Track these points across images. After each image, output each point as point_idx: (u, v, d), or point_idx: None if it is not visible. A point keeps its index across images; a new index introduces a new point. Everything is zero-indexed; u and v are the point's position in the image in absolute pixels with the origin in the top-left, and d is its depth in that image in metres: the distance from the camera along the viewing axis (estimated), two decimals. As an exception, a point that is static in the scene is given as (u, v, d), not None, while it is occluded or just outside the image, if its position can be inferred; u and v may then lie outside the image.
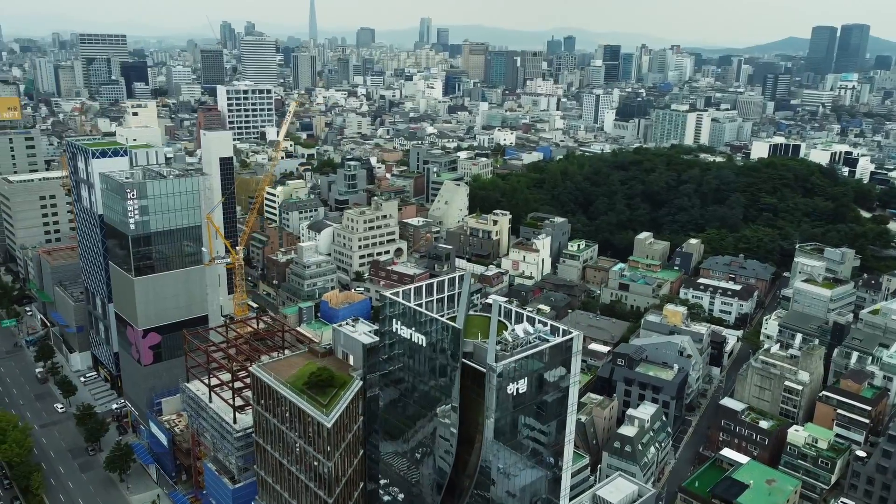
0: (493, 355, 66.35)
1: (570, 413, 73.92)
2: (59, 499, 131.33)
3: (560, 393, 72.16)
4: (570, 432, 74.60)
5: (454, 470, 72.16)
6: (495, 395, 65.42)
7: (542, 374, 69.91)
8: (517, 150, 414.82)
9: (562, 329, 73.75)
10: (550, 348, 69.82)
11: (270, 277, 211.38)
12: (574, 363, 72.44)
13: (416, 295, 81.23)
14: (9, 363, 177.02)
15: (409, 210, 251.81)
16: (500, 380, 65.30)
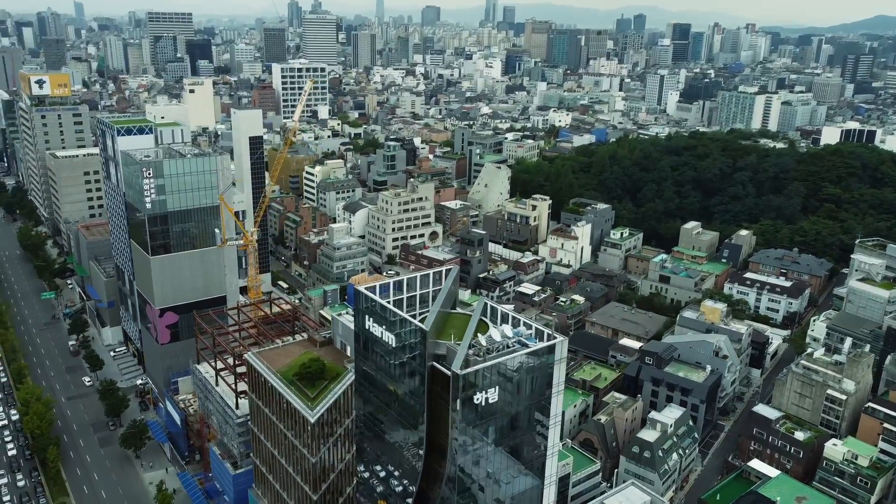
0: (460, 360, 60.83)
1: (553, 425, 67.81)
2: (76, 472, 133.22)
3: (540, 403, 66.08)
4: (552, 445, 68.49)
5: (425, 479, 67.28)
6: (460, 405, 59.95)
7: (518, 382, 63.98)
8: (571, 132, 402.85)
9: (546, 334, 67.38)
10: (528, 355, 63.70)
11: (302, 258, 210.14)
12: (557, 371, 66.13)
13: (402, 288, 75.84)
14: (45, 335, 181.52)
15: (448, 193, 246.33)
16: (466, 388, 59.78)
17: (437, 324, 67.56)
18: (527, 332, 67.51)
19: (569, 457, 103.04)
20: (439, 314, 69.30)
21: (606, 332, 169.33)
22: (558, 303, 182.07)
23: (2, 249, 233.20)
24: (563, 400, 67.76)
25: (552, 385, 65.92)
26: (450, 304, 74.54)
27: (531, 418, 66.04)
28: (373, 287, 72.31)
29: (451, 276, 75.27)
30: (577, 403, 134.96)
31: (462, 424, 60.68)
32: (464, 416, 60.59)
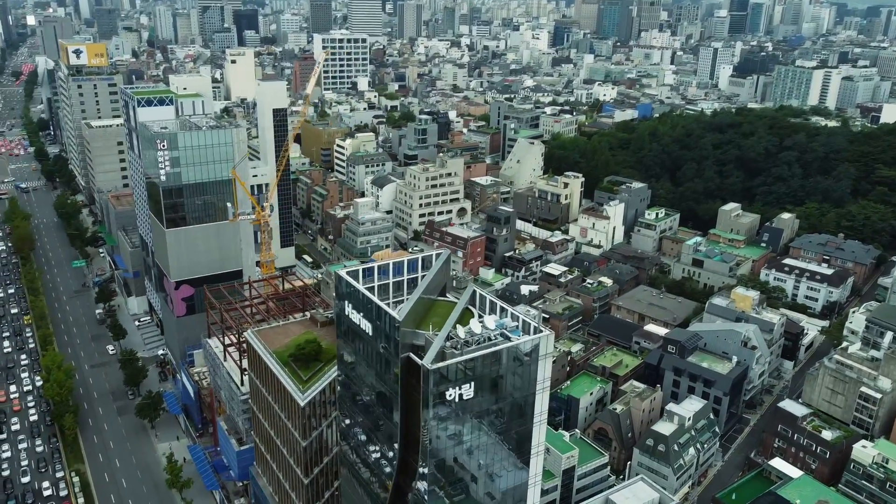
0: (433, 354, 57.22)
1: (538, 423, 63.79)
2: (93, 439, 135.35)
3: (521, 401, 62.13)
4: (537, 444, 64.57)
5: (402, 473, 64.32)
6: (431, 401, 56.47)
7: (497, 378, 60.11)
8: (615, 107, 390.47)
9: (533, 327, 63.12)
10: (509, 349, 59.64)
11: (327, 232, 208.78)
12: (542, 367, 61.93)
13: (388, 273, 72.38)
14: (75, 302, 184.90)
15: (479, 168, 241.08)
16: (438, 383, 56.22)
17: (416, 312, 64.04)
18: (511, 324, 63.40)
19: (574, 449, 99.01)
20: (422, 301, 65.71)
21: (633, 316, 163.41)
22: (585, 284, 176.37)
23: (40, 217, 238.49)
24: (548, 397, 63.57)
25: (536, 381, 61.81)
26: (436, 291, 70.76)
27: (513, 416, 62.18)
28: (354, 271, 69.05)
29: (440, 262, 71.39)
30: (594, 391, 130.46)
31: (434, 422, 57.30)
32: (435, 413, 57.18)
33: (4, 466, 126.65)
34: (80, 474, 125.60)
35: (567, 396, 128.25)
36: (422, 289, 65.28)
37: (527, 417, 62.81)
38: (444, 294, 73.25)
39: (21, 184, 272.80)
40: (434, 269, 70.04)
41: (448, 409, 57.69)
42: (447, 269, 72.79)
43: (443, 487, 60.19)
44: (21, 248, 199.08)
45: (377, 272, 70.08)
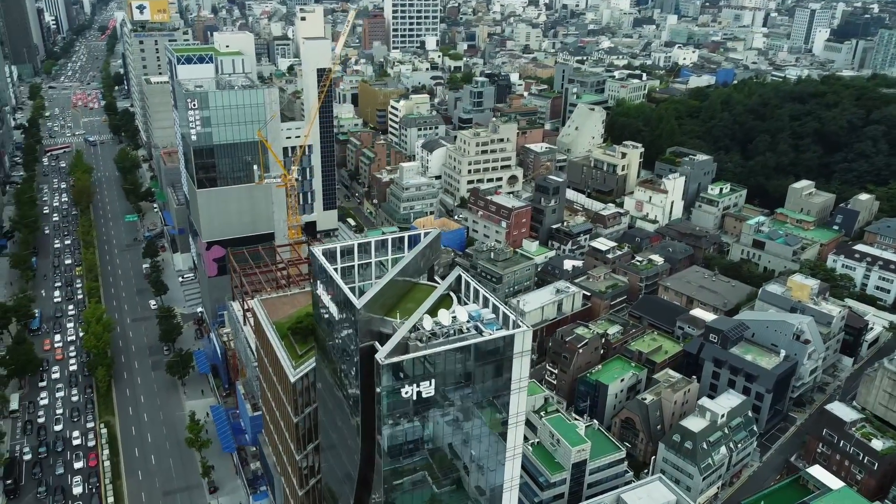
0: (392, 345, 52.41)
1: (514, 425, 58.31)
2: (126, 392, 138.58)
3: (493, 401, 56.71)
4: (513, 447, 59.19)
5: (366, 467, 60.45)
6: (385, 398, 51.90)
7: (463, 376, 54.83)
8: (693, 72, 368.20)
9: (512, 320, 57.23)
10: (478, 345, 54.12)
11: (373, 196, 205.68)
12: (517, 367, 56.21)
13: (369, 251, 67.66)
14: (125, 256, 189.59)
15: (535, 134, 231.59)
16: (392, 378, 51.51)
17: (389, 296, 59.23)
18: (488, 316, 57.72)
19: (586, 442, 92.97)
20: (397, 285, 60.80)
21: (680, 299, 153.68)
22: (634, 262, 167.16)
23: (103, 170, 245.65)
24: (525, 398, 57.86)
25: (511, 381, 56.18)
26: (419, 273, 65.57)
27: (483, 417, 56.95)
28: (332, 248, 64.60)
29: (426, 241, 65.92)
30: (625, 377, 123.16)
31: (388, 419, 52.81)
32: (389, 410, 52.64)
33: (41, 414, 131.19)
34: (109, 426, 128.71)
35: (595, 382, 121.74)
36: (396, 270, 60.19)
37: (501, 419, 57.42)
38: (432, 277, 67.98)
39: (90, 137, 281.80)
40: (417, 248, 64.65)
41: (405, 407, 53.03)
42: (435, 250, 67.28)
43: (405, 490, 55.93)
44: (79, 200, 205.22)
45: (357, 251, 65.39)
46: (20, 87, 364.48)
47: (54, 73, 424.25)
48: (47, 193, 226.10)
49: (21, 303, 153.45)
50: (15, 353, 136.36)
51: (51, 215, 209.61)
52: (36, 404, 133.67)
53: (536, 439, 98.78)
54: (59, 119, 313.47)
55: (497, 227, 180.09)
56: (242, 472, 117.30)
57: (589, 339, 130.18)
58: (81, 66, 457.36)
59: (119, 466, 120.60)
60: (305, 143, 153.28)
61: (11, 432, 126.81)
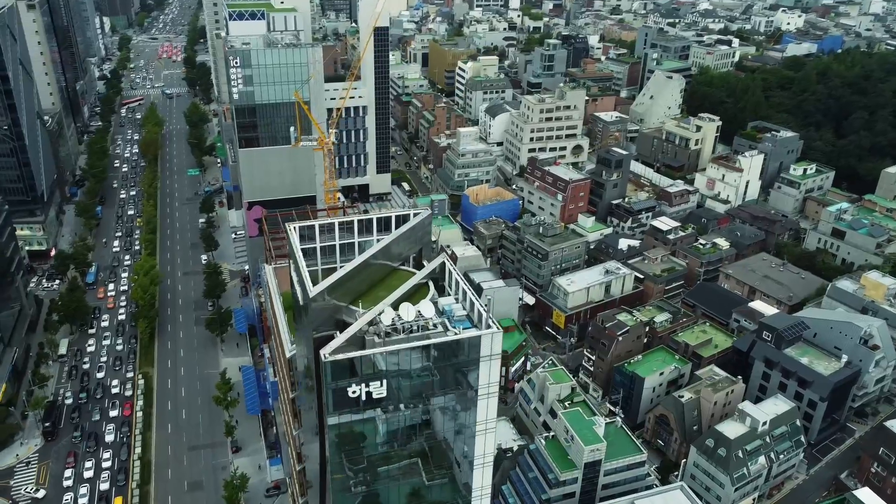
0: (341, 340, 48.10)
1: (482, 432, 53.20)
2: (167, 345, 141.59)
3: (456, 406, 51.67)
4: (481, 455, 54.21)
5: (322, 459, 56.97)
6: (330, 396, 47.90)
7: (421, 378, 50.00)
8: (796, 38, 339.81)
9: (486, 319, 51.68)
10: (438, 346, 49.04)
11: (430, 161, 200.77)
12: (485, 370, 50.78)
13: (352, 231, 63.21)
14: (184, 209, 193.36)
15: (606, 102, 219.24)
16: (337, 377, 47.33)
17: (359, 282, 54.78)
18: (459, 313, 52.35)
19: (601, 442, 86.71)
20: (372, 270, 56.25)
21: (742, 288, 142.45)
22: (696, 245, 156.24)
23: (175, 123, 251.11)
24: (494, 404, 52.53)
25: (477, 386, 50.95)
26: (400, 258, 60.59)
27: (445, 423, 52.15)
28: (311, 226, 60.51)
29: (413, 222, 60.69)
30: (665, 370, 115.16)
31: (335, 419, 48.86)
32: (335, 410, 48.63)
33: (86, 360, 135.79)
34: (147, 377, 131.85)
35: (631, 373, 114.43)
36: (367, 255, 55.47)
37: (466, 425, 52.49)
38: (421, 263, 62.93)
39: (168, 90, 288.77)
40: (400, 230, 59.57)
41: (353, 407, 48.87)
42: (424, 231, 61.99)
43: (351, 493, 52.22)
44: (147, 152, 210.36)
45: (338, 228, 61.05)
46: (112, 39, 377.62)
47: (146, 25, 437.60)
48: (121, 145, 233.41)
49: (79, 251, 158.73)
50: (67, 300, 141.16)
51: (120, 166, 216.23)
52: (83, 351, 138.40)
53: (552, 433, 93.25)
54: (142, 71, 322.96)
55: (553, 199, 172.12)
56: (264, 435, 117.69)
57: (631, 326, 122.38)
58: (173, 19, 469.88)
59: (151, 417, 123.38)
60: (343, 105, 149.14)
61: (58, 376, 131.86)
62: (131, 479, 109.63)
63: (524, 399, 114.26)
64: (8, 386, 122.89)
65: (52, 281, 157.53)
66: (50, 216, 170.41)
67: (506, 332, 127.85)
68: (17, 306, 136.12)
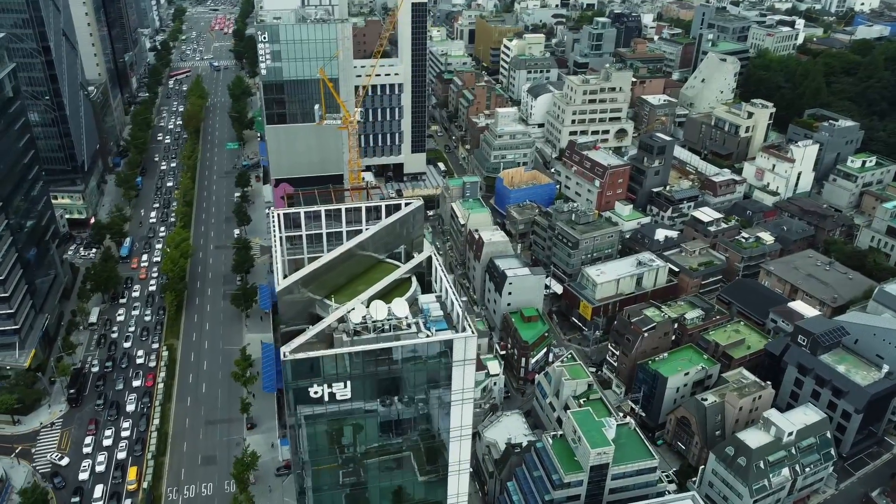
0: (305, 338, 45.91)
1: (457, 439, 50.50)
2: (194, 318, 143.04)
3: (428, 412, 49.01)
4: (456, 462, 51.59)
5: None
6: (291, 395, 45.87)
7: (388, 381, 47.44)
8: (870, 20, 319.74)
9: (462, 324, 48.69)
10: (405, 349, 46.33)
11: (467, 141, 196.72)
12: (459, 375, 47.90)
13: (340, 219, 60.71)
14: (221, 183, 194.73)
15: (655, 84, 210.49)
16: (299, 376, 45.23)
17: (339, 274, 52.43)
18: (436, 313, 49.44)
19: (609, 446, 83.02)
20: (355, 261, 53.79)
21: (783, 287, 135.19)
22: (738, 238, 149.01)
23: (219, 96, 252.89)
24: (470, 410, 49.70)
25: (450, 391, 48.14)
26: (389, 249, 57.92)
27: (416, 429, 49.60)
28: (295, 213, 58.27)
29: (401, 213, 57.86)
30: (691, 370, 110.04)
31: (295, 415, 46.89)
32: (297, 410, 46.62)
33: (115, 329, 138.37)
34: (171, 349, 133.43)
35: (654, 371, 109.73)
36: (346, 247, 52.96)
37: (437, 432, 49.86)
38: (412, 254, 60.11)
39: (215, 62, 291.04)
40: (386, 222, 56.81)
41: (318, 408, 46.76)
42: (415, 223, 59.05)
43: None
44: (189, 124, 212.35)
45: (324, 217, 58.68)
46: (168, 11, 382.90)
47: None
48: (165, 116, 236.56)
49: (115, 221, 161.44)
50: (100, 269, 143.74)
51: (163, 138, 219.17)
52: (113, 320, 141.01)
53: (560, 432, 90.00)
54: (193, 43, 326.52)
55: (590, 185, 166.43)
56: (278, 414, 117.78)
57: (658, 322, 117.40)
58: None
59: (172, 389, 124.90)
60: (369, 82, 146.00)
61: (87, 344, 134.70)
62: (147, 450, 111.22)
63: (540, 392, 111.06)
64: (39, 351, 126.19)
65: (88, 250, 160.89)
66: (91, 186, 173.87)
67: (528, 322, 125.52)
68: (51, 274, 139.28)
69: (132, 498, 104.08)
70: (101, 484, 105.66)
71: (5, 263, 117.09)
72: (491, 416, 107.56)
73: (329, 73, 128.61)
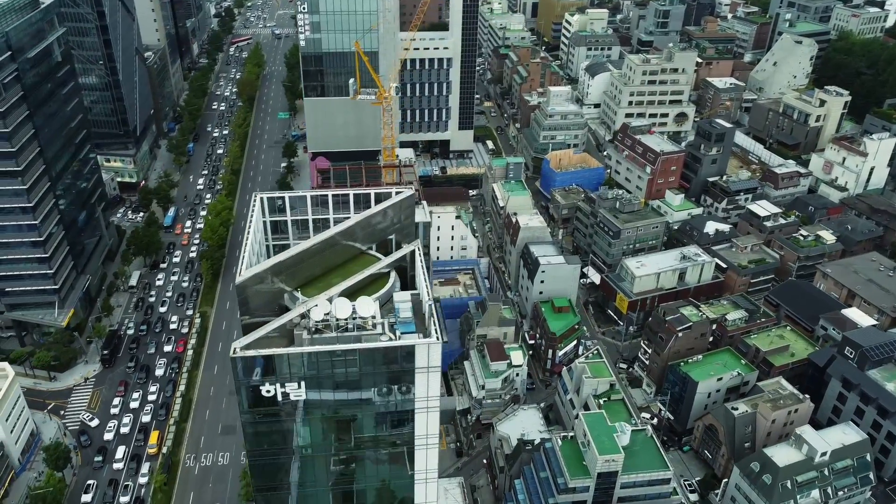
0: (260, 333, 43.68)
1: (422, 447, 47.65)
2: (229, 286, 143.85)
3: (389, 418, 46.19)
4: (422, 470, 48.81)
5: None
6: (243, 393, 43.87)
7: (345, 384, 44.75)
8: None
9: (432, 329, 45.46)
10: (363, 352, 43.49)
11: (518, 119, 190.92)
12: (421, 383, 44.81)
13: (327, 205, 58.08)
14: (270, 152, 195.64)
15: (723, 67, 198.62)
16: (248, 373, 43.11)
17: (313, 264, 50.01)
18: (405, 314, 46.34)
19: (618, 453, 78.74)
20: (336, 250, 51.23)
21: (839, 291, 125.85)
22: (796, 236, 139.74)
23: (276, 64, 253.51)
24: (436, 418, 46.67)
25: (413, 399, 45.19)
26: (374, 240, 54.95)
27: (378, 434, 46.91)
28: (279, 196, 55.94)
29: (390, 202, 54.71)
30: (724, 376, 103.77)
31: (247, 415, 44.94)
32: (249, 409, 44.62)
33: (153, 293, 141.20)
34: (204, 317, 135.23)
35: (684, 374, 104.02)
36: (323, 236, 50.18)
37: (399, 439, 47.10)
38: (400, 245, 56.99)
39: (277, 30, 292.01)
40: (369, 211, 53.67)
41: (272, 408, 44.64)
42: (405, 214, 55.73)
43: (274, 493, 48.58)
44: (243, 92, 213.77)
45: (309, 203, 56.12)
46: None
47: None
48: (222, 84, 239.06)
49: (162, 187, 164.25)
50: (143, 234, 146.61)
51: (218, 105, 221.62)
52: (152, 284, 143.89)
53: (571, 433, 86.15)
54: (258, 10, 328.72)
55: (640, 171, 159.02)
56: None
57: (694, 322, 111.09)
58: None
59: (201, 357, 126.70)
60: (406, 56, 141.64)
61: (125, 307, 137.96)
62: (171, 415, 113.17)
63: (562, 388, 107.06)
64: (79, 311, 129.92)
65: (136, 213, 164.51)
66: (143, 150, 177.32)
67: (558, 313, 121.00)
68: (96, 236, 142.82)
69: (151, 462, 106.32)
70: (124, 445, 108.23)
71: (47, 224, 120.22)
72: (508, 408, 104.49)
73: (367, 46, 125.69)
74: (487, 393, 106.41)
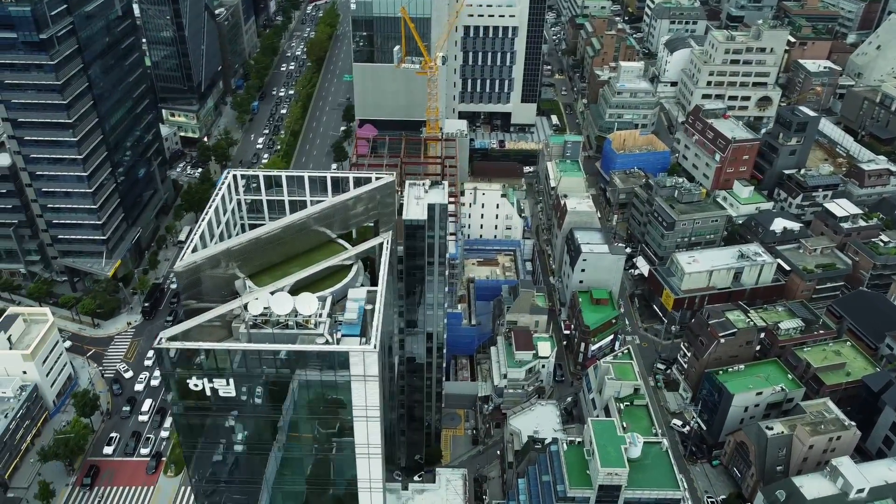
0: (190, 325, 41.32)
1: (363, 457, 44.46)
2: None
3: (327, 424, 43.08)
4: (367, 479, 45.72)
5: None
6: (172, 386, 41.80)
7: (277, 384, 41.86)
8: None
9: (373, 331, 41.85)
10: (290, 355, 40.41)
11: (587, 94, 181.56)
12: (358, 392, 41.41)
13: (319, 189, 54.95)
14: (331, 115, 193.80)
15: (819, 48, 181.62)
16: (176, 364, 40.89)
17: (273, 251, 47.28)
18: (349, 315, 42.83)
19: (623, 467, 73.42)
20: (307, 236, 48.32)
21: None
22: (875, 241, 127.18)
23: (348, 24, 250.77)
24: (377, 428, 43.25)
25: (349, 407, 41.93)
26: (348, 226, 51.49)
27: (317, 438, 43.98)
28: (254, 175, 53.16)
29: (367, 188, 51.01)
30: (765, 390, 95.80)
31: (177, 407, 42.93)
32: (179, 398, 42.56)
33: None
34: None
35: (720, 385, 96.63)
36: (285, 221, 47.04)
37: (341, 446, 44.09)
38: (377, 233, 53.42)
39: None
40: (346, 196, 50.12)
41: (199, 400, 42.45)
42: (382, 201, 51.92)
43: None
44: (312, 52, 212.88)
45: (285, 182, 53.06)
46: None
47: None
48: (294, 44, 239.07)
49: (220, 144, 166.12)
50: (196, 190, 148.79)
51: (287, 65, 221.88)
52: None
53: (578, 438, 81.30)
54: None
55: (709, 158, 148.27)
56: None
57: (740, 328, 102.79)
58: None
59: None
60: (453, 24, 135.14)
61: (172, 261, 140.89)
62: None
63: (586, 386, 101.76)
64: (129, 262, 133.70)
65: (196, 169, 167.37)
66: (207, 106, 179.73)
67: (596, 305, 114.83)
68: (151, 190, 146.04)
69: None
70: (151, 399, 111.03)
71: (98, 177, 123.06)
72: (528, 401, 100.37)
73: (418, 12, 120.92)
74: (510, 382, 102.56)
